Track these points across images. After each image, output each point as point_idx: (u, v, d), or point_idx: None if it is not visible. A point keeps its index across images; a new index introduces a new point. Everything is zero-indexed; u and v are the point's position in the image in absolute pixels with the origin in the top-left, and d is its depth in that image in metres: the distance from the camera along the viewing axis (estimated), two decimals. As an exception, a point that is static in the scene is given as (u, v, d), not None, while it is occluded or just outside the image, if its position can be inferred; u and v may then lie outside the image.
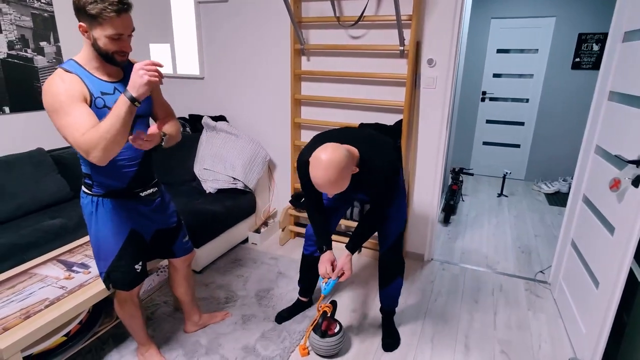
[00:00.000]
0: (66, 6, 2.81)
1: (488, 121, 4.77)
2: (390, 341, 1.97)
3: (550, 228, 3.40)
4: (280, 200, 3.23)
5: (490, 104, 4.71)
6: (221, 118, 3.15)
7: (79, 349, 1.65)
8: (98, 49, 1.26)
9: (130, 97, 1.18)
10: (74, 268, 1.77)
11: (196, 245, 2.41)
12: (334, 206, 1.92)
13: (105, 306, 1.80)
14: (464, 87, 4.57)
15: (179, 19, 3.18)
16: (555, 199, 4.15)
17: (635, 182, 1.49)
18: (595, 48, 4.03)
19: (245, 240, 3.03)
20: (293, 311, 2.16)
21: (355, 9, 2.49)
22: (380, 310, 2.05)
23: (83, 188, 1.48)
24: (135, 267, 1.57)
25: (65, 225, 2.26)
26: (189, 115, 3.30)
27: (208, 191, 2.80)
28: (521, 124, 4.61)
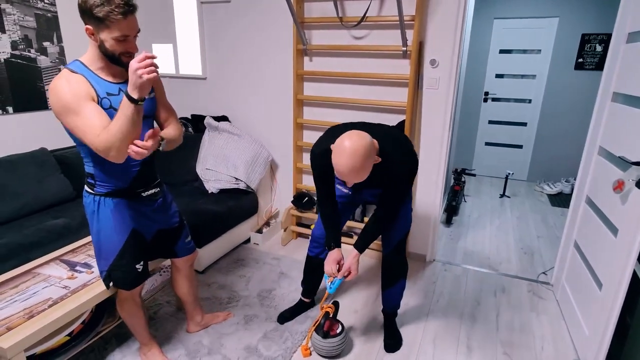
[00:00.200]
0: (69, 6, 2.82)
1: (490, 122, 4.77)
2: (392, 342, 1.97)
3: (552, 229, 3.39)
4: (282, 200, 3.23)
5: (493, 105, 4.71)
6: (223, 118, 3.16)
7: (82, 349, 1.66)
8: (105, 51, 1.27)
9: (131, 100, 1.18)
10: (77, 268, 1.77)
11: (198, 245, 2.41)
12: (341, 208, 1.90)
13: (108, 306, 1.80)
14: (466, 88, 4.56)
15: (182, 19, 3.19)
16: (558, 199, 4.14)
17: (639, 184, 1.48)
18: (599, 49, 4.02)
19: (248, 241, 3.03)
20: (295, 311, 2.16)
21: (357, 9, 2.49)
22: (382, 312, 2.05)
23: (86, 187, 1.48)
24: (136, 267, 1.57)
25: (68, 225, 2.27)
26: (192, 115, 3.31)
27: (210, 191, 2.81)
28: (524, 124, 4.60)
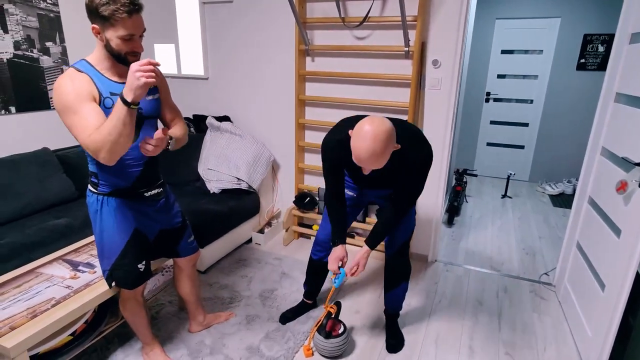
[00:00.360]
0: (72, 7, 2.82)
1: (492, 122, 4.76)
2: (394, 342, 1.97)
3: (554, 229, 3.38)
4: (284, 200, 3.23)
5: (495, 105, 4.70)
6: (225, 118, 3.16)
7: (85, 348, 1.66)
8: (111, 50, 1.28)
9: (125, 102, 1.17)
10: (80, 267, 1.77)
11: (200, 245, 2.41)
12: (349, 212, 1.89)
13: (111, 306, 1.80)
14: (468, 88, 4.55)
15: (184, 20, 3.19)
16: (560, 200, 4.13)
17: (643, 185, 1.48)
18: (601, 49, 4.02)
19: (249, 241, 3.04)
20: (297, 312, 2.16)
21: (360, 9, 2.49)
22: (384, 312, 2.05)
23: (89, 186, 1.49)
24: (139, 267, 1.58)
25: (70, 225, 2.27)
26: (193, 115, 3.31)
27: (212, 191, 2.81)
28: (525, 125, 4.60)
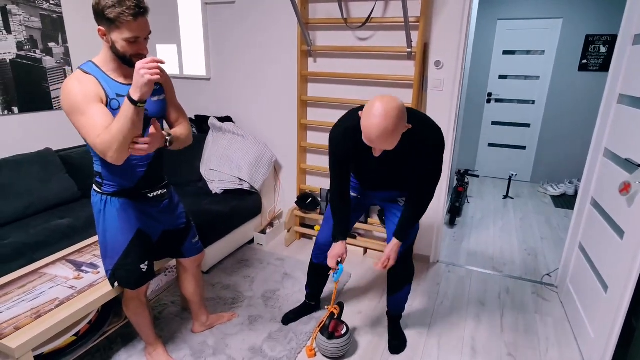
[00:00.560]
0: (74, 7, 2.82)
1: (494, 123, 4.76)
2: (397, 343, 1.97)
3: (556, 230, 3.38)
4: (285, 201, 3.23)
5: (496, 106, 4.70)
6: (227, 119, 3.16)
7: (88, 349, 1.66)
8: (116, 52, 1.29)
9: (132, 101, 1.18)
10: (83, 268, 1.78)
11: (202, 245, 2.41)
12: (352, 215, 1.88)
13: (114, 306, 1.81)
14: (469, 89, 4.55)
15: (186, 20, 3.19)
16: (562, 201, 4.13)
17: (646, 186, 1.48)
18: (603, 50, 4.02)
19: (251, 241, 3.04)
20: (300, 313, 2.16)
21: (362, 10, 2.49)
22: (386, 314, 2.05)
23: (94, 186, 1.50)
24: (141, 267, 1.58)
25: (73, 225, 2.28)
26: (195, 115, 3.31)
27: (214, 192, 2.81)
28: (527, 125, 4.60)
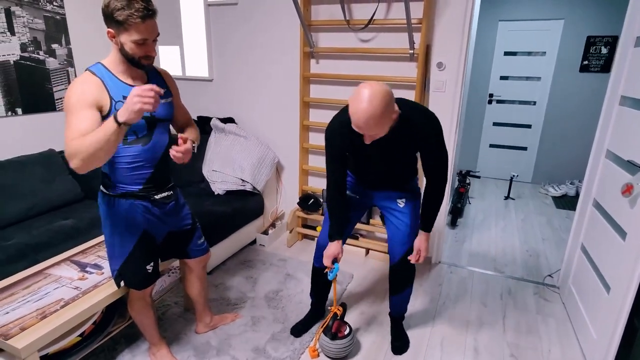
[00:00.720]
0: (77, 9, 2.84)
1: (495, 123, 4.77)
2: (399, 344, 1.98)
3: (557, 231, 3.39)
4: (288, 202, 3.24)
5: (497, 107, 4.71)
6: (230, 120, 3.17)
7: (93, 349, 1.67)
8: (125, 54, 1.30)
9: (117, 121, 1.19)
10: (88, 269, 1.79)
11: (206, 246, 2.42)
12: (351, 216, 1.89)
13: (118, 307, 1.81)
14: (471, 90, 4.56)
15: (189, 22, 3.20)
16: (563, 202, 4.13)
17: (648, 188, 1.49)
18: (604, 51, 4.02)
19: (253, 242, 3.05)
20: (308, 323, 2.10)
21: (365, 12, 2.50)
22: (389, 315, 2.05)
23: (101, 187, 1.51)
24: (147, 268, 1.59)
25: (76, 226, 2.28)
26: (198, 117, 3.32)
27: (216, 193, 2.82)
28: (528, 126, 4.60)
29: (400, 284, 1.89)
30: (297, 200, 3.01)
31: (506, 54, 4.50)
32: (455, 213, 3.44)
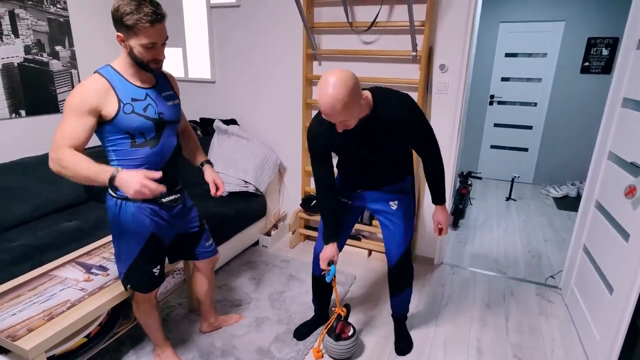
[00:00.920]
0: (81, 11, 2.85)
1: (496, 125, 4.78)
2: (403, 345, 1.99)
3: (559, 232, 3.40)
4: (290, 203, 3.25)
5: (498, 108, 4.72)
6: (232, 122, 3.18)
7: (98, 350, 1.68)
8: (134, 57, 1.32)
9: (110, 184, 1.24)
10: (93, 270, 1.79)
11: (209, 247, 2.43)
12: (346, 220, 1.89)
13: (123, 308, 1.82)
14: (472, 91, 4.57)
15: (191, 23, 3.21)
16: (564, 203, 4.14)
17: (651, 190, 1.50)
18: (605, 52, 4.04)
19: (256, 243, 3.05)
20: (312, 326, 2.10)
21: (368, 14, 2.51)
22: (391, 316, 2.06)
23: (109, 190, 1.51)
24: (154, 271, 1.60)
25: (81, 228, 2.29)
26: (200, 118, 3.33)
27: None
28: (529, 127, 4.62)
29: (399, 285, 1.90)
30: (300, 202, 3.02)
31: (507, 55, 4.51)
32: (457, 214, 3.46)
